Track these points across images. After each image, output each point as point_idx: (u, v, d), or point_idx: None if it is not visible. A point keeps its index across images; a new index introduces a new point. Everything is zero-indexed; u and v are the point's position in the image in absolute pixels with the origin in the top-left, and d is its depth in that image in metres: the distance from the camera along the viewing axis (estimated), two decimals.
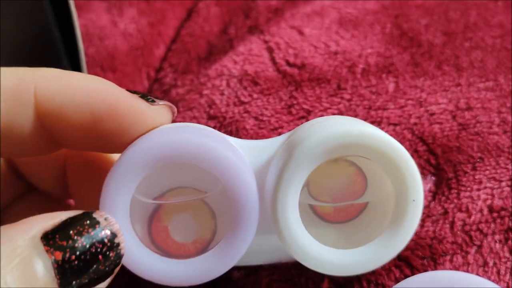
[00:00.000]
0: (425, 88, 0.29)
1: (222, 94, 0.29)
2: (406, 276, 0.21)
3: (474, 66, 0.30)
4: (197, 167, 0.18)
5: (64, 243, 0.15)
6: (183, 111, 0.28)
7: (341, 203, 0.20)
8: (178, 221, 0.19)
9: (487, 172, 0.24)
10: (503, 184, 0.24)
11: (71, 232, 0.15)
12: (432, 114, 0.27)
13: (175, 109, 0.20)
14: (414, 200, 0.18)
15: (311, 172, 0.18)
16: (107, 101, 0.18)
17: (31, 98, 0.17)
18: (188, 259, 0.18)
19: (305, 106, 0.28)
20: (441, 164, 0.25)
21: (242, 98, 0.28)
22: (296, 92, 0.29)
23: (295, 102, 0.28)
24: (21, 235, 0.15)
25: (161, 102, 0.19)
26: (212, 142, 0.18)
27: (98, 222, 0.16)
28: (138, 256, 0.18)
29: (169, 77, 0.32)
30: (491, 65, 0.30)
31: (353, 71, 0.30)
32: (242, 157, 0.18)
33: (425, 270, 0.21)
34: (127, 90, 0.19)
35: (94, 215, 0.16)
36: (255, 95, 0.28)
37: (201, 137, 0.18)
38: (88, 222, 0.16)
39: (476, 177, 0.24)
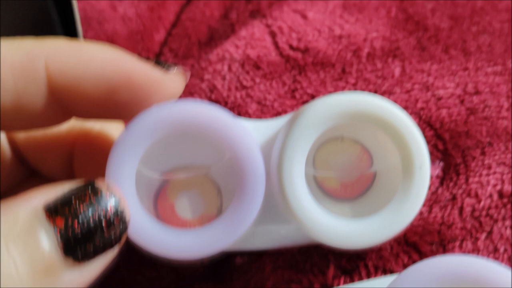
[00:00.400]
0: (432, 72, 0.28)
1: (223, 78, 0.28)
2: (415, 262, 0.20)
3: (482, 51, 0.29)
4: (202, 143, 0.17)
5: (66, 211, 0.15)
6: (183, 96, 0.28)
7: (348, 175, 0.19)
8: (184, 198, 0.19)
9: (496, 157, 0.24)
10: None
11: (73, 200, 0.15)
12: (439, 99, 0.26)
13: (189, 75, 0.19)
14: (420, 168, 0.18)
15: (317, 147, 0.18)
16: (123, 71, 0.17)
17: (42, 74, 0.17)
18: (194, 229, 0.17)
19: (309, 91, 0.27)
20: (449, 149, 0.24)
21: (244, 83, 0.28)
22: (300, 76, 0.28)
23: (298, 86, 0.27)
24: (22, 207, 0.14)
25: (176, 68, 0.19)
26: (220, 112, 0.17)
27: (100, 190, 0.16)
28: (143, 226, 0.17)
29: (169, 62, 0.31)
30: (499, 49, 0.29)
31: (358, 55, 0.29)
32: (248, 131, 0.18)
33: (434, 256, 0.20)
34: (140, 57, 0.18)
35: (96, 184, 0.16)
36: (257, 80, 0.28)
37: (210, 107, 0.17)
38: (90, 190, 0.15)
39: (485, 162, 0.23)
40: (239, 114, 0.26)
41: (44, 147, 0.22)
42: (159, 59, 0.18)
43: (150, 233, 0.17)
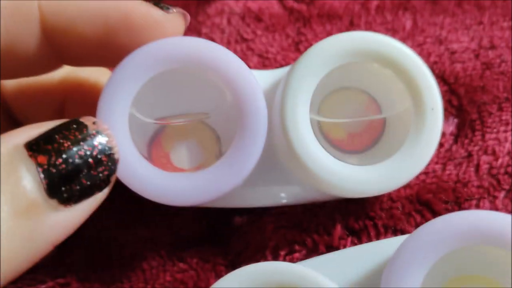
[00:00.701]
0: (445, 26, 0.26)
1: (222, 32, 0.26)
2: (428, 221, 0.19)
3: (497, 5, 0.28)
4: (201, 86, 0.16)
5: (49, 147, 0.14)
6: None
7: (355, 124, 0.18)
8: (180, 147, 0.18)
9: None
10: None
11: (56, 136, 0.14)
12: (453, 53, 0.25)
13: (189, 17, 0.18)
14: (432, 109, 0.17)
15: (322, 98, 0.16)
16: (122, 11, 0.16)
17: (35, 12, 0.16)
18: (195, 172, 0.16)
19: (314, 43, 0.25)
20: (464, 105, 0.23)
21: (245, 35, 0.26)
22: (305, 29, 0.26)
23: (303, 38, 0.26)
24: (3, 144, 0.13)
25: (175, 9, 0.17)
26: (222, 49, 0.16)
27: (85, 126, 0.14)
28: (136, 169, 0.16)
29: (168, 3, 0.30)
30: None
31: (367, 7, 0.27)
32: (251, 72, 0.17)
33: None
34: None
35: (82, 119, 0.15)
36: (259, 32, 0.26)
37: (211, 43, 0.16)
38: (74, 126, 0.14)
39: (503, 118, 0.22)
40: None
41: (34, 100, 0.20)
42: (158, 1, 0.17)
43: (144, 176, 0.16)
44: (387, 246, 0.17)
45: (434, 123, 0.17)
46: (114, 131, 0.15)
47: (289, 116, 0.16)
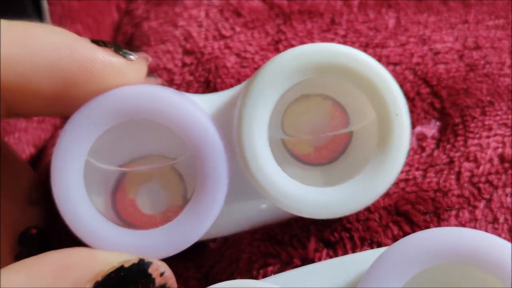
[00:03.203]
0: (429, 24, 0.26)
1: (200, 25, 0.25)
2: (406, 234, 0.18)
3: (483, 3, 0.27)
4: (162, 132, 0.16)
5: None
6: (155, 45, 0.25)
7: (321, 137, 0.17)
8: (145, 191, 0.17)
9: (498, 117, 0.22)
10: None
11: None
12: (436, 53, 0.24)
13: (150, 59, 0.17)
14: (397, 114, 0.16)
15: (284, 109, 0.16)
16: (79, 62, 0.15)
17: None
18: (155, 229, 0.16)
19: (294, 42, 0.25)
20: (447, 108, 0.22)
21: (223, 32, 0.25)
22: (285, 26, 0.25)
23: (283, 37, 0.25)
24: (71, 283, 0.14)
25: (136, 55, 0.16)
26: (164, 91, 0.16)
27: (153, 281, 0.15)
28: (97, 229, 0.15)
29: (141, 9, 0.28)
30: (501, 1, 0.27)
31: (349, 4, 0.26)
32: (198, 105, 0.16)
33: (427, 227, 0.19)
34: (96, 41, 0.16)
35: (150, 271, 0.15)
36: (237, 28, 0.25)
37: (154, 88, 0.16)
38: (143, 281, 0.15)
39: (486, 123, 0.21)
40: (216, 67, 0.24)
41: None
42: (117, 44, 0.16)
43: (105, 237, 0.15)
44: (362, 259, 0.16)
45: (401, 130, 0.16)
46: (69, 188, 0.15)
47: (245, 137, 0.16)
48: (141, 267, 0.15)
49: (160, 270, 0.15)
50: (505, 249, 0.14)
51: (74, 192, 0.15)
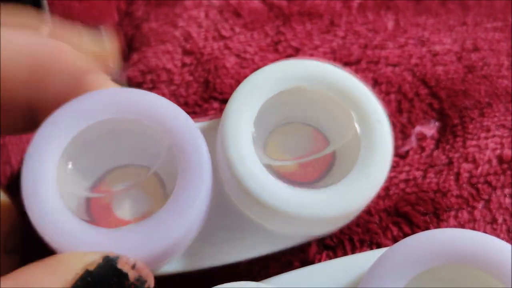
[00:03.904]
0: (428, 26, 0.26)
1: (200, 26, 0.25)
2: (405, 235, 0.18)
3: (482, 5, 0.27)
4: (135, 139, 0.15)
5: None
6: (155, 45, 0.25)
7: (305, 158, 0.18)
8: (122, 196, 0.16)
9: (496, 119, 0.22)
10: None
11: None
12: (435, 55, 0.24)
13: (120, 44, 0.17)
14: (378, 121, 0.16)
15: (266, 137, 0.17)
16: (52, 49, 0.15)
17: None
18: (131, 225, 0.14)
19: (293, 44, 0.25)
20: (446, 109, 0.22)
21: (223, 32, 0.25)
22: (284, 27, 0.25)
23: (282, 38, 0.25)
24: None
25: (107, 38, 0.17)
26: (153, 95, 0.15)
27: (126, 276, 0.13)
28: (68, 227, 0.14)
29: (141, 10, 0.28)
30: (499, 4, 0.27)
31: (349, 5, 0.26)
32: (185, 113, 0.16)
33: (427, 228, 0.19)
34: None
35: (119, 267, 0.13)
36: (237, 29, 0.25)
37: (144, 93, 0.16)
38: (115, 279, 0.13)
39: (484, 124, 0.21)
40: (216, 68, 0.24)
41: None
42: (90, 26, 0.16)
43: (80, 238, 0.14)
44: (362, 260, 0.16)
45: (383, 136, 0.16)
46: (40, 186, 0.14)
47: (230, 139, 0.16)
48: (108, 265, 0.13)
49: (130, 263, 0.14)
50: (504, 250, 0.15)
51: (45, 191, 0.14)
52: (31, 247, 0.17)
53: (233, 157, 0.16)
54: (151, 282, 0.14)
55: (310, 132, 0.18)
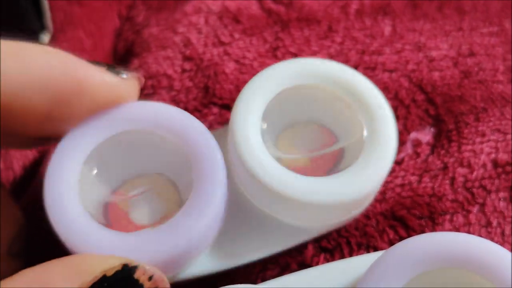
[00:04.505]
0: (424, 32, 0.26)
1: (199, 32, 0.26)
2: (401, 238, 0.19)
3: (477, 10, 0.27)
4: (152, 148, 0.16)
5: None
6: (155, 51, 0.25)
7: (315, 153, 0.18)
8: (138, 202, 0.17)
9: (491, 123, 0.22)
10: (508, 136, 0.21)
11: None
12: (431, 60, 0.25)
13: (143, 80, 0.17)
14: (379, 106, 0.17)
15: (275, 137, 0.18)
16: (73, 78, 0.15)
17: None
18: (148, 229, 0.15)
19: (291, 49, 0.25)
20: (441, 114, 0.23)
21: (222, 38, 0.25)
22: (283, 33, 0.26)
23: (281, 44, 0.25)
24: None
25: (129, 74, 0.16)
26: (165, 106, 0.16)
27: (141, 286, 0.14)
28: (88, 231, 0.15)
29: (141, 15, 0.29)
30: (495, 8, 0.28)
31: (346, 11, 0.27)
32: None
33: (422, 231, 0.19)
34: (90, 61, 0.16)
35: (136, 277, 0.14)
36: (236, 35, 0.26)
37: (162, 106, 0.16)
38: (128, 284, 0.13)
39: (479, 128, 0.22)
40: (215, 73, 0.24)
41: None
42: (112, 65, 0.16)
43: (98, 242, 0.15)
44: (358, 263, 0.17)
45: (387, 122, 0.17)
46: (62, 193, 0.15)
47: (238, 129, 0.17)
48: (125, 273, 0.13)
49: (148, 274, 0.14)
50: (499, 253, 0.15)
51: (67, 197, 0.15)
52: (36, 250, 0.18)
53: (244, 151, 0.16)
54: None
55: (318, 130, 0.19)
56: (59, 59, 0.15)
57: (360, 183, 0.16)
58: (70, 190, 0.15)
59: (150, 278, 0.14)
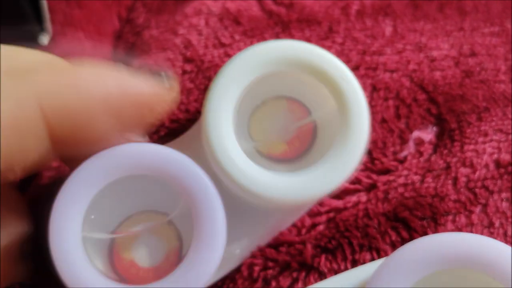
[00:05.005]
0: (425, 32, 0.26)
1: (200, 34, 0.26)
2: (403, 239, 0.19)
3: (478, 10, 0.27)
4: (151, 188, 0.16)
5: None
6: (156, 53, 0.25)
7: (287, 132, 0.18)
8: (141, 247, 0.17)
9: (493, 123, 0.22)
10: (510, 137, 0.21)
11: None
12: (432, 60, 0.24)
13: (176, 80, 0.18)
14: (342, 77, 0.17)
15: (247, 121, 0.18)
16: (129, 96, 0.15)
17: (40, 125, 0.14)
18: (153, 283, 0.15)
19: None
20: (443, 113, 0.22)
21: (223, 40, 0.25)
22: (283, 34, 0.26)
23: None
24: None
25: (170, 81, 0.17)
26: (168, 151, 0.16)
27: None
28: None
29: (142, 17, 0.29)
30: (496, 9, 0.28)
31: (347, 12, 0.27)
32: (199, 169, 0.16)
33: (425, 232, 0.19)
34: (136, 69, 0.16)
35: None
36: (237, 37, 0.25)
37: (159, 148, 0.16)
38: None
39: (482, 128, 0.22)
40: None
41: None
42: (152, 67, 0.16)
43: None
44: (364, 271, 0.17)
45: (360, 126, 0.17)
46: (67, 246, 0.15)
47: (211, 131, 0.17)
48: None
49: None
50: (504, 252, 0.15)
51: (74, 252, 0.15)
52: (44, 253, 0.18)
53: (215, 148, 0.17)
54: None
55: (290, 107, 0.19)
56: (112, 77, 0.15)
57: (327, 180, 0.17)
58: (76, 243, 0.15)
59: None
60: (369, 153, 0.21)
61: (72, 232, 0.15)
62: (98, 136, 0.15)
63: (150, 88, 0.16)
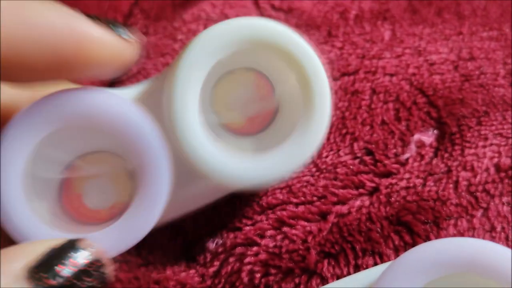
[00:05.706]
0: (424, 36, 0.26)
1: None
2: (406, 243, 0.19)
3: (477, 14, 0.27)
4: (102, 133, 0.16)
5: (46, 274, 0.14)
6: (155, 58, 0.25)
7: (251, 108, 0.18)
8: (92, 187, 0.17)
9: (493, 127, 0.22)
10: (510, 141, 0.21)
11: (55, 266, 0.14)
12: (432, 64, 0.24)
13: (143, 43, 0.17)
14: (303, 55, 0.17)
15: (210, 90, 0.17)
16: (75, 37, 0.15)
17: None
18: (96, 230, 0.16)
19: None
20: (443, 117, 0.22)
21: None
22: None
23: None
24: (2, 273, 0.13)
25: (130, 35, 0.16)
26: (100, 95, 0.16)
27: (81, 250, 0.14)
28: (37, 236, 0.15)
29: (139, 24, 0.29)
30: (494, 13, 0.28)
31: (345, 17, 0.27)
32: (130, 106, 0.16)
33: (427, 236, 0.19)
34: (92, 16, 0.16)
35: (78, 245, 0.14)
36: None
37: (94, 92, 0.16)
38: (72, 253, 0.14)
39: (482, 132, 0.22)
40: None
41: None
42: (113, 20, 0.16)
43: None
44: (368, 277, 0.16)
45: (322, 111, 0.17)
46: (7, 191, 0.15)
47: (177, 115, 0.16)
48: (71, 245, 0.14)
49: (91, 245, 0.15)
50: (505, 256, 0.15)
51: (13, 201, 0.15)
52: None
53: (178, 126, 0.16)
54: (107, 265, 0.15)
55: (256, 81, 0.19)
56: (59, 14, 0.15)
57: (295, 157, 0.16)
58: (15, 192, 0.15)
59: (91, 249, 0.15)
60: (371, 154, 0.21)
61: (13, 175, 0.15)
62: (33, 67, 0.15)
63: (96, 34, 0.15)
